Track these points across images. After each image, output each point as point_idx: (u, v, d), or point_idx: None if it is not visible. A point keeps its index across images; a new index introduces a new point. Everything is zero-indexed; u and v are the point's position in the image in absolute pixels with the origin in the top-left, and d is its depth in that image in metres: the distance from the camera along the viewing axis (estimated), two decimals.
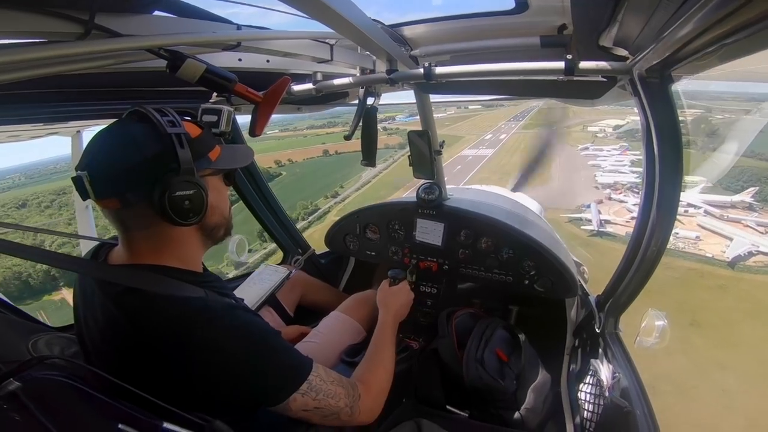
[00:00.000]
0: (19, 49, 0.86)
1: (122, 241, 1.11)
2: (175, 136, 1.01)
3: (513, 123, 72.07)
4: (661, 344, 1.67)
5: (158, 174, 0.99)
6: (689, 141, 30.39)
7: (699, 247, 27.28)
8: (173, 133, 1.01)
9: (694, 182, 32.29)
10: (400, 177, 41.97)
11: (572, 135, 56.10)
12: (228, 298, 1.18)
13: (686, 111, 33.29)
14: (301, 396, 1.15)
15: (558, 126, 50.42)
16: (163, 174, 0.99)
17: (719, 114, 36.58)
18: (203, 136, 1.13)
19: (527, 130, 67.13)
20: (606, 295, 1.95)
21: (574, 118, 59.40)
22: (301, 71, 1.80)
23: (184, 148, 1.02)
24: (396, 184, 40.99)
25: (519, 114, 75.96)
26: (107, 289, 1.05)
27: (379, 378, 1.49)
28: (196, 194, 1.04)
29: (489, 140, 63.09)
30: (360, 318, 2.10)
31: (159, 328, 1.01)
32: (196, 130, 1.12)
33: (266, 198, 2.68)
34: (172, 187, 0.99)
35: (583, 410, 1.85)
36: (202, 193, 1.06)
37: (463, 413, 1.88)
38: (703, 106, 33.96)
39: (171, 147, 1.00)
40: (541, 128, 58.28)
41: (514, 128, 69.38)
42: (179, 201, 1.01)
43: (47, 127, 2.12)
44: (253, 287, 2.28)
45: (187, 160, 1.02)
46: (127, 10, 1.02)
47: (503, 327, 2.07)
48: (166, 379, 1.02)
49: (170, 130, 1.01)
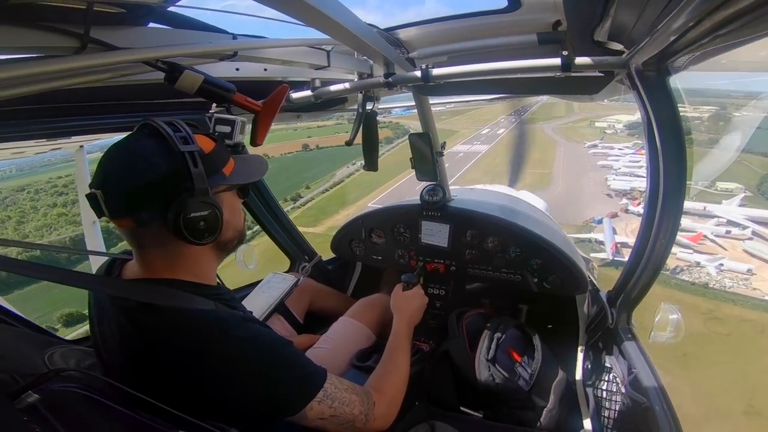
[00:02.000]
0: (16, 65, 0.86)
1: (137, 257, 1.11)
2: (188, 154, 1.00)
3: (514, 117, 67.31)
4: (676, 338, 1.64)
5: (172, 194, 0.99)
6: (709, 139, 27.96)
7: (753, 284, 19.08)
8: (186, 151, 1.00)
9: (729, 191, 25.89)
10: (386, 171, 37.76)
11: (578, 131, 51.88)
12: (238, 311, 1.19)
13: (701, 108, 32.21)
14: (318, 404, 1.14)
15: (529, 115, 46.99)
16: (177, 194, 0.99)
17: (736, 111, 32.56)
18: (217, 150, 1.12)
19: (528, 125, 62.90)
20: (617, 291, 1.93)
21: (579, 112, 55.69)
22: (299, 78, 1.81)
23: (197, 167, 1.01)
24: (372, 185, 37.35)
25: (521, 108, 70.66)
26: (121, 303, 1.05)
27: (394, 384, 1.48)
28: (210, 214, 1.04)
29: (486, 135, 58.16)
30: (369, 322, 2.10)
31: (173, 342, 1.02)
32: (209, 144, 1.10)
33: (270, 205, 2.69)
34: (186, 209, 0.99)
35: (600, 407, 1.82)
36: (217, 213, 1.06)
37: (477, 414, 1.86)
38: (719, 103, 31.67)
39: (184, 166, 0.99)
40: (513, 119, 54.72)
41: (515, 123, 63.53)
42: (195, 222, 1.01)
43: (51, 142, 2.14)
44: (261, 296, 2.28)
45: (201, 178, 1.01)
46: (123, 23, 1.03)
47: (515, 326, 2.05)
48: (182, 391, 1.02)
49: (183, 148, 0.99)
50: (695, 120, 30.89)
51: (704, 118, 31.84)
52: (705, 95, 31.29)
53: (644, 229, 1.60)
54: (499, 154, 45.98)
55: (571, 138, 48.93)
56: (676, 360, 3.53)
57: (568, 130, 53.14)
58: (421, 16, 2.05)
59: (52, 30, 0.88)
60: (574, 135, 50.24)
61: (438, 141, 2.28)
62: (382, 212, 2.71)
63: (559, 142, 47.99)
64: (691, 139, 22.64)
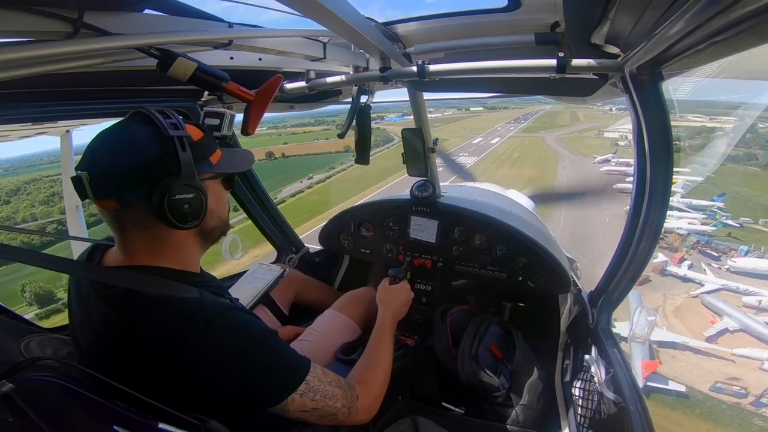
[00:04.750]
0: (7, 49, 0.84)
1: (118, 243, 1.10)
2: (177, 139, 1.01)
3: (513, 125, 62.90)
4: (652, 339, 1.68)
5: (159, 176, 0.99)
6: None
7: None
8: (175, 135, 1.01)
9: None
10: (342, 190, 31.82)
11: (584, 141, 45.83)
12: (223, 299, 1.18)
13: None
14: (300, 397, 1.14)
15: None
16: (164, 176, 0.99)
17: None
18: (205, 140, 1.13)
19: (528, 134, 56.52)
20: (599, 291, 1.97)
21: (586, 122, 49.95)
22: (294, 69, 1.79)
23: (185, 151, 1.02)
24: (317, 208, 31.49)
25: (522, 116, 66.86)
26: (102, 290, 1.04)
27: (377, 378, 1.49)
28: (195, 198, 1.04)
29: (476, 145, 51.99)
30: (355, 316, 2.10)
31: (155, 330, 1.01)
32: (198, 133, 1.11)
33: (259, 196, 2.67)
34: (172, 190, 0.99)
35: (577, 406, 1.86)
36: (201, 197, 1.06)
37: (458, 410, 1.89)
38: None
39: (172, 149, 1.00)
40: (512, 126, 46.80)
41: (512, 131, 58.58)
42: (179, 204, 1.01)
43: (36, 126, 2.09)
44: (247, 286, 2.27)
45: (188, 163, 1.02)
46: (117, 8, 1.00)
47: (497, 323, 2.08)
48: (163, 380, 1.01)
49: (172, 133, 1.00)
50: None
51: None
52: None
53: (628, 231, 1.63)
54: (489, 167, 40.88)
55: (576, 150, 42.19)
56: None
57: (573, 140, 47.36)
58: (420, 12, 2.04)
59: (45, 14, 0.86)
60: (581, 146, 44.04)
61: (431, 137, 2.29)
62: (371, 206, 2.71)
63: (563, 155, 41.05)
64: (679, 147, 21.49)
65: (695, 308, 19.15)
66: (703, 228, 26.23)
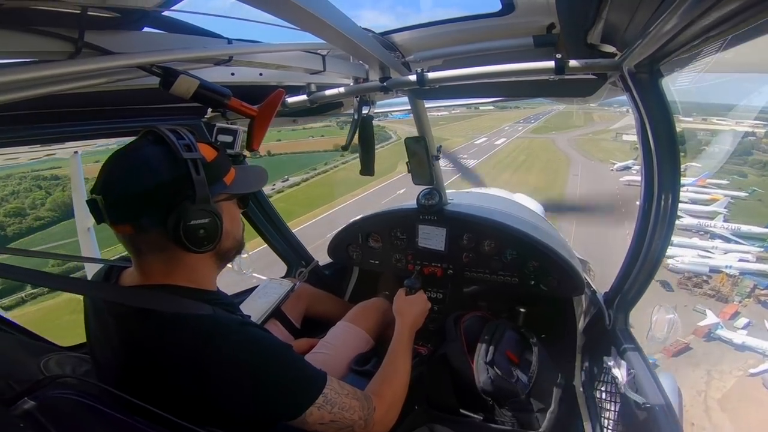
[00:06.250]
0: (9, 70, 0.86)
1: (135, 264, 1.11)
2: (191, 162, 1.00)
3: (521, 125, 59.31)
4: (673, 338, 1.65)
5: (173, 200, 0.99)
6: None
7: None
8: (189, 158, 1.00)
9: None
10: (314, 196, 27.92)
11: (599, 144, 40.05)
12: (236, 315, 1.18)
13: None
14: (318, 410, 1.13)
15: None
16: (179, 201, 0.99)
17: None
18: (219, 160, 1.12)
19: (537, 134, 52.10)
20: (614, 292, 1.94)
21: (600, 122, 45.41)
22: (295, 83, 1.81)
23: (200, 174, 1.01)
24: (295, 213, 27.63)
25: (532, 116, 63.13)
26: (118, 310, 1.05)
27: (394, 389, 1.47)
28: (211, 222, 1.04)
29: (479, 146, 47.17)
30: (367, 327, 2.09)
31: (171, 348, 1.01)
32: (211, 153, 1.11)
33: (266, 211, 2.68)
34: (187, 215, 0.99)
35: (600, 408, 1.82)
36: (216, 221, 1.06)
37: (477, 417, 1.85)
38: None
39: (186, 173, 0.99)
40: (521, 127, 41.75)
41: (521, 131, 54.23)
42: (194, 230, 1.01)
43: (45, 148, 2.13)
44: (257, 301, 2.27)
45: (203, 186, 1.02)
46: (117, 27, 1.02)
47: (512, 328, 2.05)
48: (181, 397, 1.01)
49: (186, 155, 0.99)
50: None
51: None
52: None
53: (640, 229, 1.60)
54: (489, 172, 36.93)
55: (590, 153, 36.49)
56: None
57: (587, 142, 42.49)
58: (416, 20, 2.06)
59: (46, 34, 0.88)
60: (595, 150, 38.55)
61: (434, 145, 2.29)
62: (378, 216, 2.71)
63: (575, 159, 35.53)
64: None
65: (755, 393, 12.71)
66: (761, 267, 19.39)
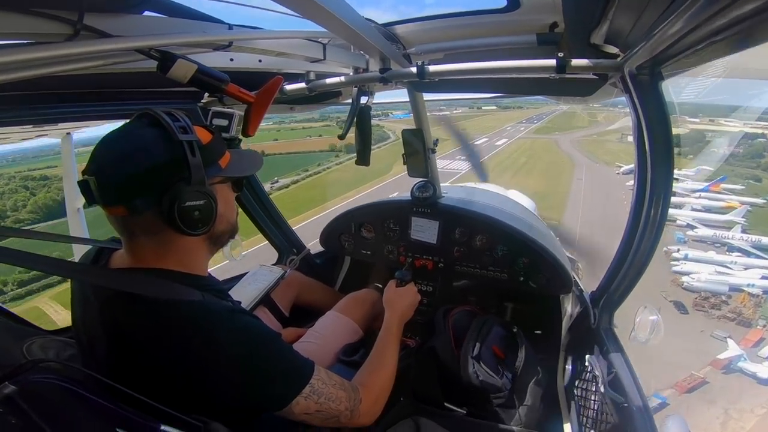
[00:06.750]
0: (6, 51, 0.84)
1: (126, 247, 1.09)
2: (187, 143, 0.99)
3: (524, 125, 58.00)
4: (655, 339, 1.68)
5: (168, 182, 0.98)
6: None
7: None
8: (185, 140, 0.99)
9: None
10: (303, 199, 27.10)
11: (604, 146, 38.10)
12: (226, 302, 1.17)
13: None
14: (304, 400, 1.14)
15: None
16: (174, 183, 0.98)
17: None
18: (214, 143, 1.11)
19: (540, 135, 50.85)
20: (600, 291, 1.96)
21: (604, 123, 43.94)
22: (294, 71, 1.79)
23: (195, 156, 1.00)
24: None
25: (535, 116, 62.29)
26: (107, 292, 1.04)
27: (381, 380, 1.49)
28: (205, 204, 1.03)
29: (479, 146, 45.79)
30: (356, 317, 2.10)
31: (159, 332, 1.00)
32: (206, 136, 1.10)
33: (259, 197, 2.67)
34: (182, 197, 0.98)
35: (579, 406, 1.86)
36: (211, 203, 1.05)
37: (460, 411, 1.88)
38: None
39: (182, 154, 0.98)
40: (523, 127, 40.47)
41: (523, 131, 52.82)
42: (189, 211, 1.00)
43: (37, 129, 2.09)
44: (247, 287, 2.27)
45: (198, 168, 1.01)
46: (117, 10, 1.00)
47: (500, 324, 2.07)
48: (165, 382, 1.01)
49: (182, 137, 0.98)
50: None
51: None
52: None
53: (630, 230, 1.62)
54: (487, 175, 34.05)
55: (595, 155, 34.78)
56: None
57: (592, 144, 41.22)
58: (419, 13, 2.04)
59: (45, 16, 0.86)
60: (600, 151, 36.81)
61: (431, 138, 2.29)
62: (372, 207, 2.71)
63: (579, 161, 34.23)
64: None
65: None
66: None
